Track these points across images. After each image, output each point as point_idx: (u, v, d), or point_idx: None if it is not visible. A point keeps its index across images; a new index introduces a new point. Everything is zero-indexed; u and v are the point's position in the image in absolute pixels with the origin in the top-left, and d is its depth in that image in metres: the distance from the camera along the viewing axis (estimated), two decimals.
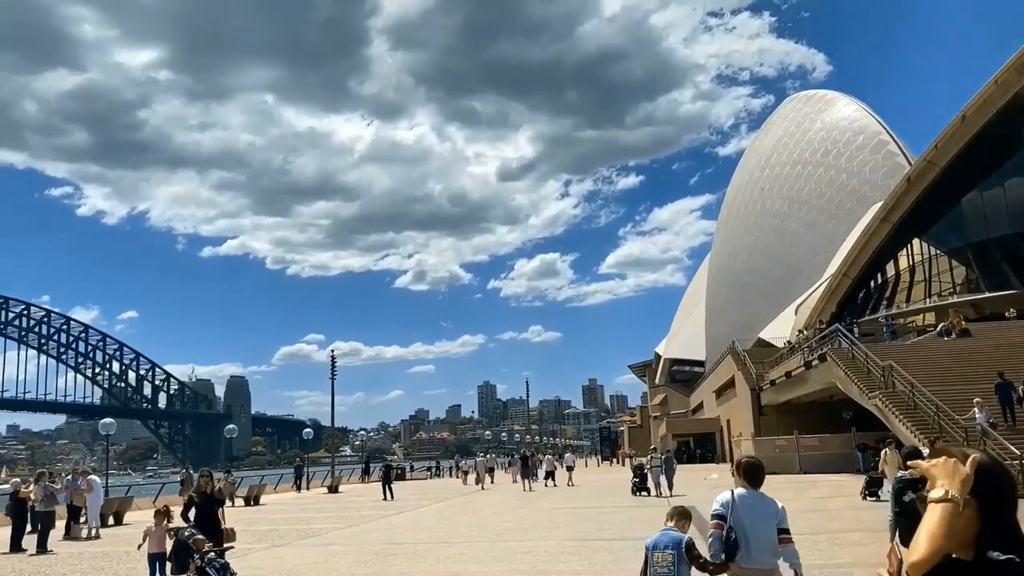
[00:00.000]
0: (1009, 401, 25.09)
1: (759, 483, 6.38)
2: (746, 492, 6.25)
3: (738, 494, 6.23)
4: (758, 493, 6.32)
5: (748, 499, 6.17)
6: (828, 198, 72.47)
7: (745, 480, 6.34)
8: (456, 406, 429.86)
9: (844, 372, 31.53)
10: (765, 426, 45.52)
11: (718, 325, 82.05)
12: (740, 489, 6.30)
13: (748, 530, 6.00)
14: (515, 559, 13.99)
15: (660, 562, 6.15)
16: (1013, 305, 42.43)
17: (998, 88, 44.54)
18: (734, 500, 6.15)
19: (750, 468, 6.41)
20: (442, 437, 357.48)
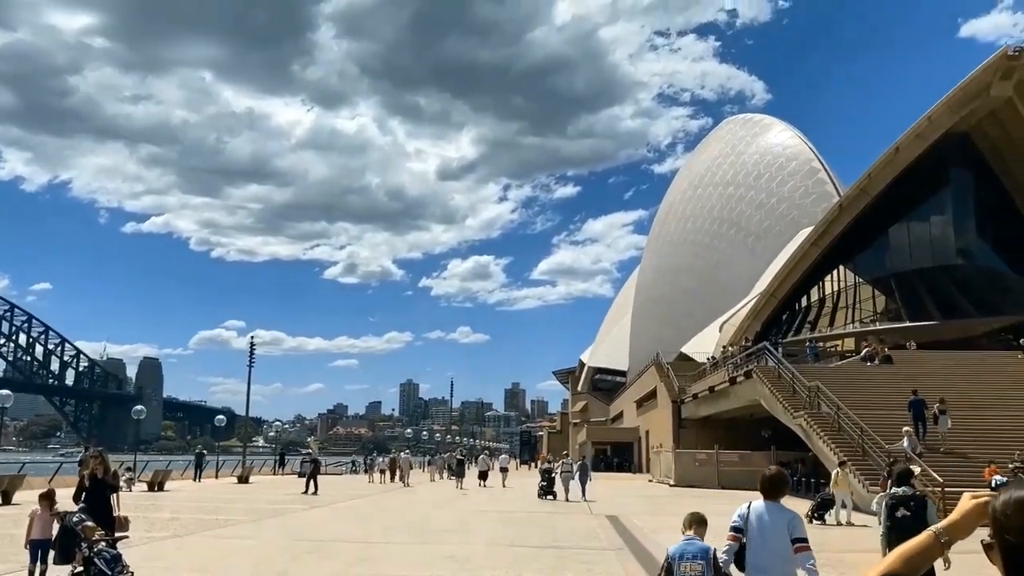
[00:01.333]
0: (921, 417, 26.11)
1: (777, 495, 6.38)
2: (763, 504, 6.29)
3: (754, 506, 6.29)
4: (775, 504, 6.33)
5: (763, 510, 6.22)
6: (757, 221, 73.75)
7: (763, 492, 6.37)
8: (377, 403, 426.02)
9: (769, 390, 31.72)
10: (684, 439, 45.77)
11: (643, 337, 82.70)
12: (757, 501, 6.34)
13: (761, 541, 6.09)
14: (435, 564, 13.18)
15: (690, 572, 6.14)
16: (932, 336, 43.69)
17: (931, 124, 45.83)
18: (750, 512, 6.24)
19: (768, 481, 6.40)
20: (359, 433, 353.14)
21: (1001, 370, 33.82)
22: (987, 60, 44.24)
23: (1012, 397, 30.11)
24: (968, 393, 30.26)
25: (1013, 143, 46.91)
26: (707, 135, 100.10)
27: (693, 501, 28.56)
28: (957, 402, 28.02)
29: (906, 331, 44.71)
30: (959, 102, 44.92)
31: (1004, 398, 30.00)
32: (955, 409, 27.22)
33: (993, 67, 43.32)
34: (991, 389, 31.06)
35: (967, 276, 48.65)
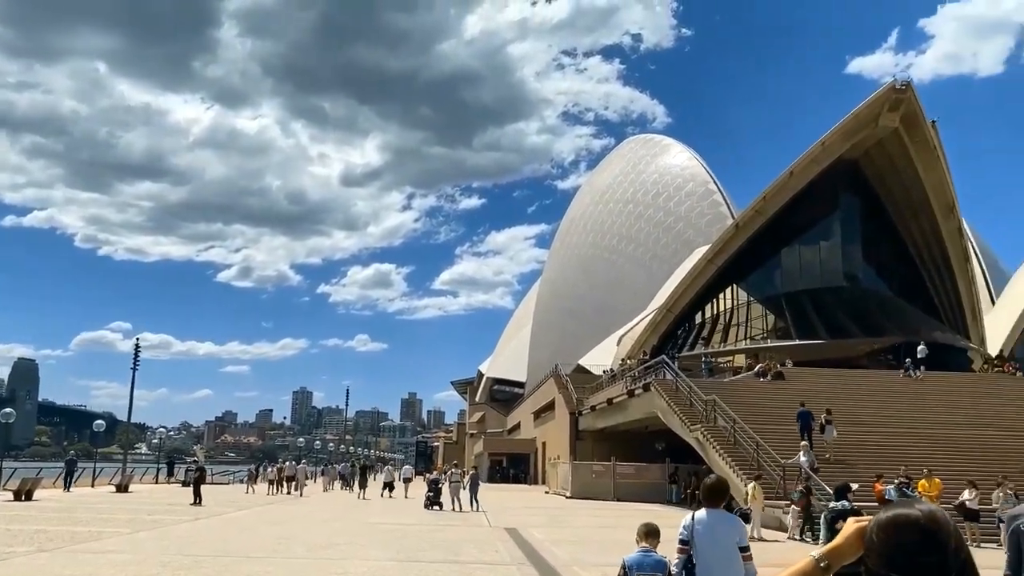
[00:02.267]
0: (808, 428, 26.99)
1: (718, 503, 6.33)
2: (706, 513, 6.20)
3: (698, 516, 6.17)
4: (719, 512, 6.29)
5: (709, 520, 6.14)
6: (655, 238, 75.40)
7: (705, 501, 6.30)
8: (268, 410, 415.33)
9: (667, 403, 32.07)
10: (581, 451, 45.96)
11: (542, 348, 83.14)
12: (700, 512, 6.23)
13: (709, 548, 6.03)
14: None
15: None
16: (819, 355, 45.30)
17: (824, 150, 47.69)
18: (694, 523, 6.12)
19: (710, 489, 6.35)
20: (249, 442, 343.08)
21: (886, 388, 35.31)
22: (877, 92, 46.45)
23: (896, 414, 31.42)
24: (855, 409, 31.41)
25: (897, 172, 49.29)
26: (609, 153, 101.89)
27: (590, 513, 28.53)
28: (846, 418, 29.02)
29: (794, 349, 46.20)
30: (851, 130, 46.92)
31: (889, 415, 31.27)
32: (844, 425, 28.16)
33: (882, 99, 45.45)
34: (878, 406, 32.33)
35: (852, 298, 50.75)
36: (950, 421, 30.77)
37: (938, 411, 32.20)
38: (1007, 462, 24.01)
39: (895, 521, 1.90)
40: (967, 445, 27.29)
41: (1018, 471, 22.79)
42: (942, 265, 51.32)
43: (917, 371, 37.90)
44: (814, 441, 26.64)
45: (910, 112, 45.71)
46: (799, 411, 27.55)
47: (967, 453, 26.24)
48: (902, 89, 45.12)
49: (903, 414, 31.47)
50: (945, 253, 50.41)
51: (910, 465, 23.16)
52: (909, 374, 37.20)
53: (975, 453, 26.27)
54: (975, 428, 29.67)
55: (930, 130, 46.53)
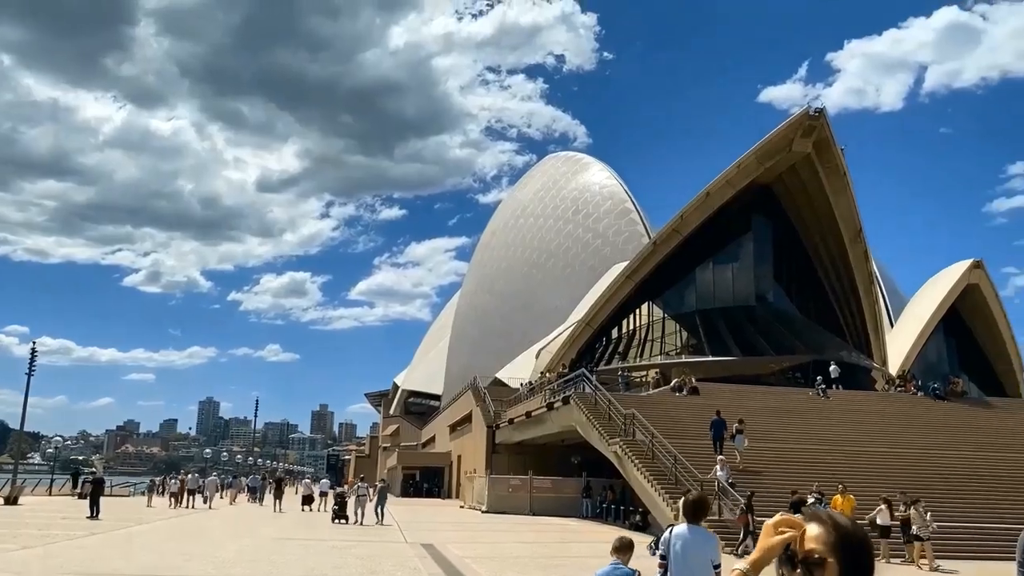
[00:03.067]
0: (721, 437, 27.96)
1: (699, 518, 6.43)
2: (685, 528, 6.30)
3: (676, 532, 6.31)
4: (697, 528, 6.38)
5: (687, 535, 6.25)
6: (574, 254, 76.06)
7: (686, 516, 6.40)
8: (173, 420, 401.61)
9: (586, 416, 32.08)
10: (497, 464, 45.64)
11: (459, 361, 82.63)
12: (680, 527, 6.35)
13: (684, 562, 6.13)
14: None
15: None
16: (731, 371, 46.27)
17: (739, 172, 48.87)
18: (671, 538, 6.26)
19: (692, 505, 6.45)
20: (152, 452, 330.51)
21: (798, 406, 36.24)
22: (792, 118, 47.87)
23: (807, 431, 32.24)
24: (768, 425, 32.09)
25: (808, 197, 50.89)
26: (531, 168, 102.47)
27: (508, 528, 28.23)
28: (760, 433, 29.58)
29: (708, 365, 47.04)
30: (765, 153, 48.23)
31: (800, 431, 32.07)
32: (758, 440, 28.70)
33: (796, 124, 46.89)
34: (789, 423, 33.14)
35: (763, 317, 52.06)
36: (858, 439, 31.69)
37: (846, 429, 33.15)
38: (912, 479, 24.78)
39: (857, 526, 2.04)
40: (874, 462, 28.11)
41: (923, 487, 23.51)
42: (848, 287, 53.12)
43: (832, 388, 39.26)
44: (725, 449, 27.48)
45: (822, 139, 47.27)
46: (713, 420, 28.48)
47: (875, 470, 26.99)
48: (815, 116, 46.63)
49: (813, 431, 32.30)
50: (851, 276, 52.21)
51: (821, 481, 23.66)
52: (818, 392, 38.26)
53: (883, 470, 27.05)
54: (882, 446, 30.62)
55: (840, 157, 48.24)
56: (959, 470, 25.12)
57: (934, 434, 32.90)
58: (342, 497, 30.25)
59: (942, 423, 34.98)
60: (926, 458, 28.17)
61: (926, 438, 31.96)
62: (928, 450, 29.68)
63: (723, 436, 28.13)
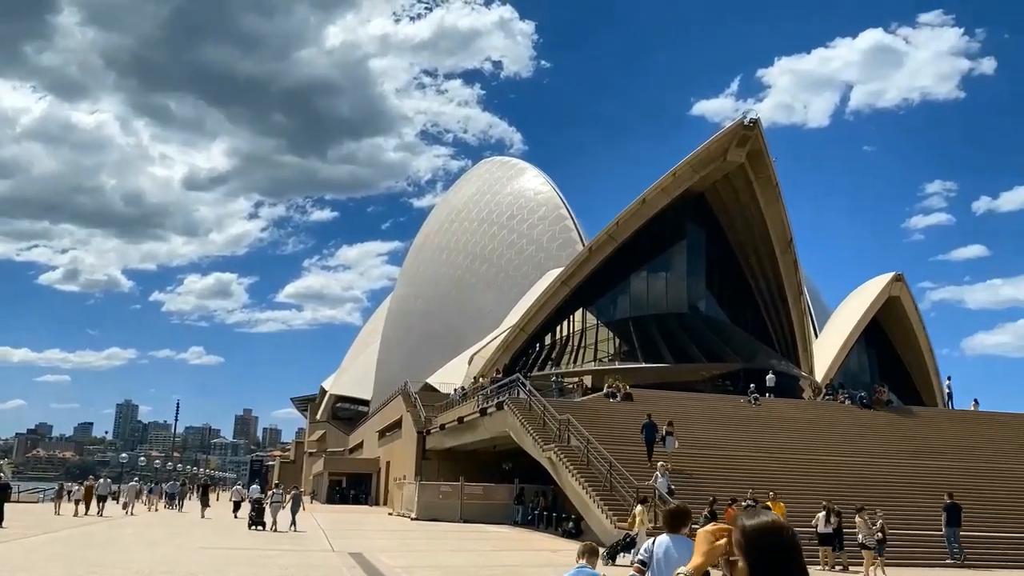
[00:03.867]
0: (652, 440, 28.21)
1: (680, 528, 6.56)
2: (668, 538, 6.41)
3: (659, 540, 6.39)
4: (680, 538, 6.48)
5: (670, 544, 6.33)
6: (508, 259, 75.69)
7: (667, 526, 6.55)
8: (88, 423, 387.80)
9: (520, 422, 31.55)
10: (427, 470, 44.81)
11: (389, 366, 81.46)
12: (663, 536, 6.45)
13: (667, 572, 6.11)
14: None
15: None
16: (663, 377, 46.40)
17: (674, 180, 49.19)
18: (655, 547, 6.34)
19: (672, 515, 6.63)
20: (65, 456, 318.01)
21: (731, 413, 36.44)
22: (727, 127, 48.46)
23: (740, 438, 32.36)
24: (701, 432, 32.16)
25: (741, 206, 51.57)
26: (466, 172, 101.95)
27: (439, 536, 27.50)
28: (694, 440, 29.54)
29: (640, 372, 47.09)
30: (700, 162, 48.66)
31: (734, 438, 32.17)
32: (693, 447, 28.64)
33: (731, 134, 47.44)
34: (723, 430, 33.27)
35: (696, 324, 52.49)
36: (791, 446, 31.93)
37: (779, 436, 33.41)
38: (847, 486, 24.95)
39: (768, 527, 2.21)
40: (808, 469, 28.32)
41: (859, 495, 23.64)
42: (777, 297, 53.97)
43: (766, 396, 39.90)
44: (655, 452, 27.80)
45: (756, 149, 47.92)
46: (644, 423, 28.78)
47: (809, 477, 27.15)
48: (750, 126, 47.23)
49: (747, 438, 32.44)
50: (781, 285, 53.04)
51: (755, 487, 23.62)
52: (751, 400, 38.56)
53: (817, 477, 27.23)
54: (815, 453, 30.91)
55: (772, 168, 48.98)
56: (894, 477, 25.48)
57: (865, 442, 33.38)
58: (259, 503, 30.09)
59: (871, 431, 35.56)
60: (860, 465, 28.48)
61: (858, 446, 32.38)
62: (861, 457, 30.05)
63: (655, 439, 28.32)
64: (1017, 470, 30.88)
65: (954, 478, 28.33)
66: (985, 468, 30.96)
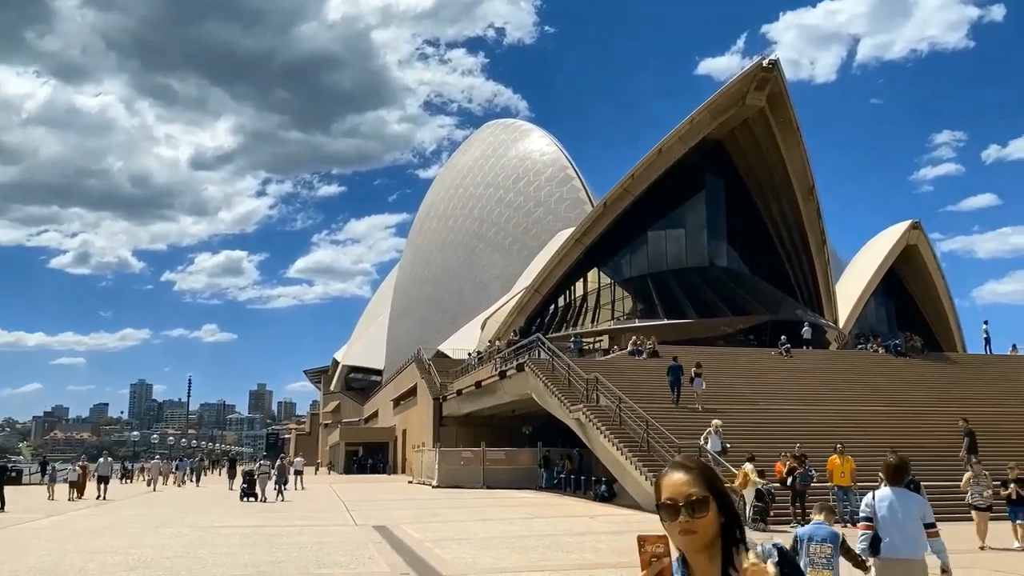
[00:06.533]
0: (678, 383, 27.93)
1: (901, 481, 6.69)
2: (890, 491, 6.53)
3: (880, 495, 6.51)
4: (902, 491, 6.60)
5: (893, 497, 6.45)
6: (515, 223, 74.02)
7: (888, 479, 6.69)
8: (103, 404, 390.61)
9: (543, 383, 30.00)
10: (445, 437, 43.66)
11: (400, 335, 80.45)
12: (884, 490, 6.58)
13: (893, 525, 6.32)
14: None
15: (819, 553, 6.42)
16: (686, 334, 44.80)
17: (692, 128, 47.15)
18: (876, 501, 6.45)
19: (894, 468, 6.71)
20: (82, 437, 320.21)
21: (763, 366, 34.81)
22: (745, 70, 46.33)
23: (777, 391, 30.80)
24: (736, 386, 30.64)
25: (761, 153, 49.49)
26: (469, 136, 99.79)
27: (464, 504, 26.07)
28: (729, 395, 28.00)
29: (662, 328, 45.43)
30: (719, 108, 46.56)
31: (770, 391, 30.62)
32: (728, 402, 27.13)
33: (750, 77, 45.27)
34: (757, 383, 31.68)
35: (718, 278, 50.74)
36: (834, 398, 30.28)
37: (819, 388, 31.80)
38: (904, 436, 23.24)
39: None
40: (856, 421, 26.62)
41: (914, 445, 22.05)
42: (800, 246, 52.08)
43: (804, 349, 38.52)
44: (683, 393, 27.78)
45: (776, 92, 45.81)
46: (671, 365, 28.53)
47: (861, 429, 25.44)
48: (769, 68, 45.05)
49: (785, 391, 30.86)
50: (804, 235, 51.14)
51: (802, 440, 22.07)
52: (782, 352, 36.89)
53: (868, 429, 25.53)
54: (860, 404, 29.21)
55: (793, 111, 46.86)
56: (950, 426, 23.72)
57: (913, 390, 31.73)
58: (251, 475, 30.15)
59: (916, 379, 33.94)
60: (912, 415, 26.81)
61: (906, 395, 30.72)
62: (912, 406, 28.40)
63: (680, 382, 27.91)
64: None
65: (1012, 424, 26.77)
66: None
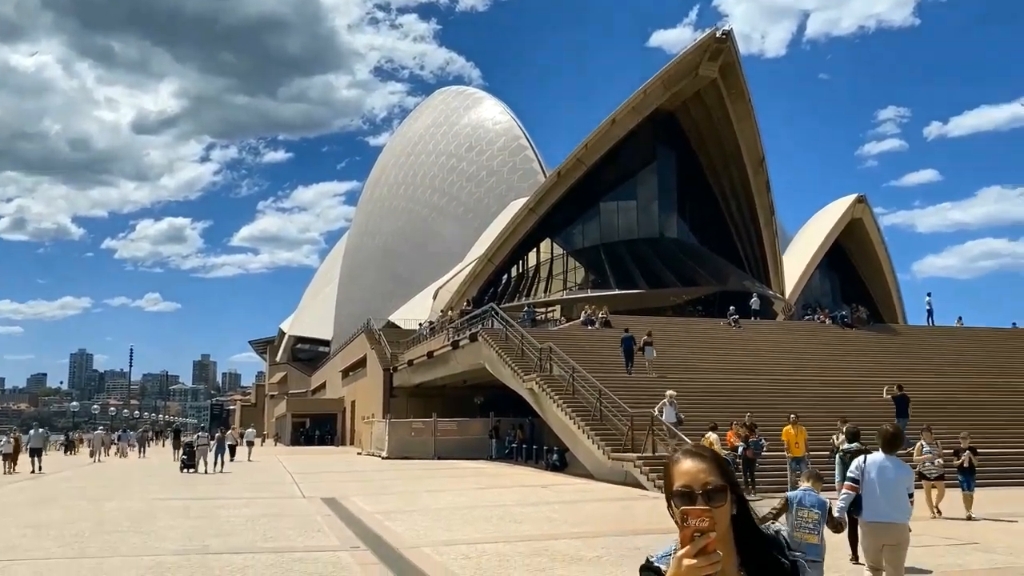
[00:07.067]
0: (631, 354, 28.15)
1: (895, 450, 7.08)
2: (883, 457, 6.89)
3: (872, 459, 6.91)
4: (895, 458, 6.98)
5: (885, 463, 6.82)
6: (468, 192, 73.41)
7: (883, 446, 6.99)
8: (41, 375, 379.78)
9: (497, 353, 29.77)
10: (395, 408, 43.36)
11: (349, 305, 79.41)
12: (877, 454, 6.95)
13: (880, 489, 6.70)
14: None
15: (807, 518, 6.72)
16: (637, 304, 44.96)
17: (645, 98, 46.94)
18: (866, 464, 6.85)
19: (891, 436, 7.08)
20: (19, 408, 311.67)
21: (714, 337, 35.04)
22: (699, 40, 46.14)
23: (727, 362, 31.01)
24: (687, 357, 30.79)
25: (712, 125, 49.56)
26: (421, 103, 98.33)
27: (415, 475, 25.74)
28: (680, 364, 28.09)
29: (614, 298, 45.49)
30: (672, 78, 46.41)
31: (720, 362, 30.82)
32: (679, 372, 27.22)
33: (703, 47, 45.13)
34: (708, 353, 31.91)
35: (668, 249, 50.89)
36: (783, 368, 30.61)
37: (768, 358, 32.07)
38: (852, 407, 23.46)
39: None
40: (807, 391, 26.94)
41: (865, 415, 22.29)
42: (748, 218, 52.44)
43: (752, 320, 38.73)
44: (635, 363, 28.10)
45: (728, 62, 45.79)
46: (623, 336, 28.88)
47: (811, 398, 25.70)
48: (722, 39, 44.95)
49: (735, 361, 31.05)
50: (752, 207, 51.49)
51: (753, 410, 22.19)
52: (731, 323, 37.17)
53: (818, 398, 25.83)
54: (810, 374, 29.64)
55: (745, 82, 46.93)
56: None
57: (860, 360, 32.21)
58: (190, 447, 29.92)
59: (863, 349, 34.50)
60: (861, 384, 27.12)
61: (854, 365, 31.19)
62: (861, 376, 28.77)
63: (632, 353, 28.17)
64: (1017, 383, 30.03)
65: (960, 394, 27.33)
66: (990, 383, 30.01)
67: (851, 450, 10.83)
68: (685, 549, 1.69)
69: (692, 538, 1.70)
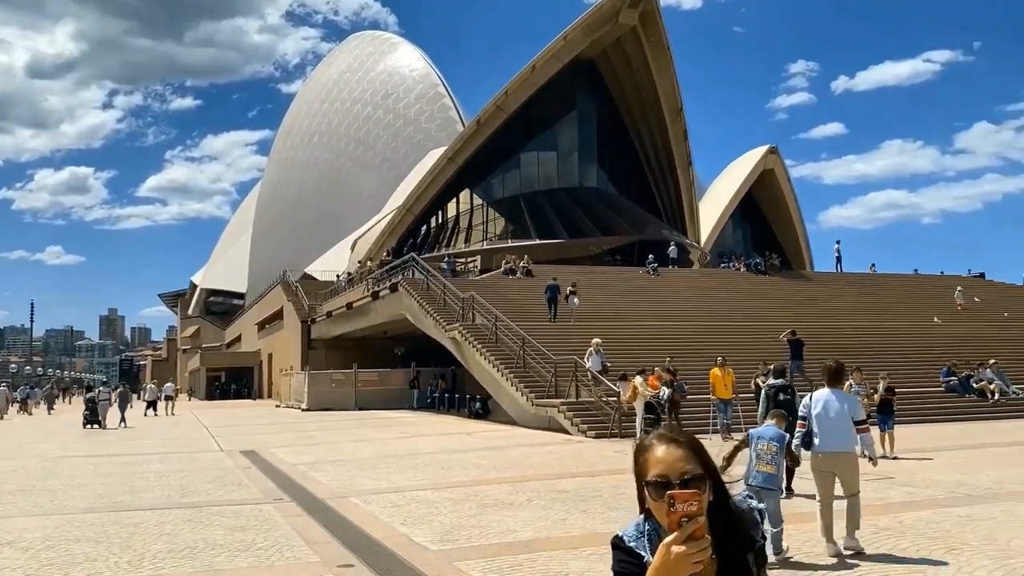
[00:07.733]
0: (555, 300, 28.53)
1: (840, 383, 7.79)
2: (828, 391, 7.48)
3: (818, 395, 7.49)
4: (838, 391, 7.55)
5: (830, 397, 7.39)
6: (384, 141, 71.88)
7: (828, 380, 7.58)
8: None
9: (418, 303, 29.42)
10: (314, 360, 42.69)
11: (263, 257, 77.42)
12: (822, 390, 7.52)
13: (826, 422, 7.28)
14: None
15: (766, 451, 7.19)
16: (558, 254, 45.09)
17: (565, 44, 46.58)
18: (812, 401, 7.44)
19: (835, 370, 7.63)
20: None
21: (633, 285, 35.43)
22: None
23: (649, 307, 31.45)
24: (610, 304, 31.06)
25: (632, 73, 49.61)
26: (335, 48, 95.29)
27: (336, 426, 25.40)
28: (604, 311, 28.29)
29: (534, 248, 45.55)
30: (592, 25, 46.13)
31: (641, 309, 31.19)
32: (605, 320, 27.43)
33: None
34: (629, 301, 32.23)
35: (588, 199, 51.11)
36: (702, 314, 31.12)
37: (687, 304, 32.67)
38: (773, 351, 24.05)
39: None
40: (727, 336, 27.42)
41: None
42: (666, 167, 53.02)
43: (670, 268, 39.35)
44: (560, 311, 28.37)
45: (648, 10, 45.78)
46: (549, 284, 28.97)
47: (733, 343, 26.18)
48: None
49: (655, 308, 31.52)
50: (670, 156, 52.02)
51: (674, 355, 22.55)
52: (649, 271, 37.63)
53: (739, 343, 26.32)
54: (729, 319, 30.18)
55: (664, 31, 46.99)
56: (813, 339, 24.75)
57: (777, 305, 33.16)
58: (93, 402, 29.30)
59: (779, 295, 35.51)
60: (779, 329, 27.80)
61: (772, 310, 31.99)
62: (778, 321, 29.52)
63: (556, 300, 28.37)
64: (923, 326, 31.40)
65: (873, 338, 28.31)
66: (901, 325, 31.28)
67: (776, 385, 11.54)
68: (674, 535, 1.62)
69: (680, 524, 1.61)
